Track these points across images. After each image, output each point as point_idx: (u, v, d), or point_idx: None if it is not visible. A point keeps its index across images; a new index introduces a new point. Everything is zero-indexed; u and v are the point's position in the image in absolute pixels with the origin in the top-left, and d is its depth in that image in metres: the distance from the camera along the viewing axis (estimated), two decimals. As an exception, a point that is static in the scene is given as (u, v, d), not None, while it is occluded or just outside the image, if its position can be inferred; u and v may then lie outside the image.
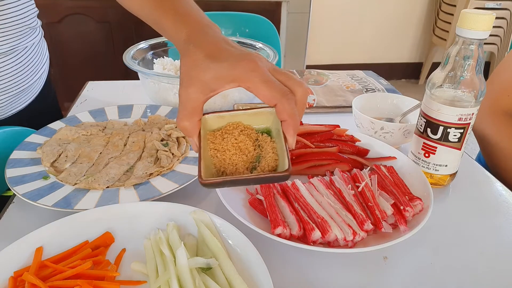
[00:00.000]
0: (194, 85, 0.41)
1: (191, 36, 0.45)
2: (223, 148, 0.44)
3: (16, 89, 0.78)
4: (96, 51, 2.35)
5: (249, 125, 0.47)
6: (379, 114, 0.77)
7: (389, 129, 0.68)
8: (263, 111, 0.46)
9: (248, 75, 0.40)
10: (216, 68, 0.41)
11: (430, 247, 0.53)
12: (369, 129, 0.70)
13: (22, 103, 0.82)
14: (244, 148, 0.44)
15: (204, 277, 0.42)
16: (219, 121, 0.46)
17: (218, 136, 0.45)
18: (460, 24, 0.53)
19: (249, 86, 0.40)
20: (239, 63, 0.40)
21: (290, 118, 0.40)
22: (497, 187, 0.66)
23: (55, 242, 0.46)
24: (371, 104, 0.77)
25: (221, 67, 0.40)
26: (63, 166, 0.62)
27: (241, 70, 0.40)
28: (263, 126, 0.47)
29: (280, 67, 1.86)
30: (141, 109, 0.81)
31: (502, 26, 2.83)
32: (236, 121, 0.46)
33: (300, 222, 0.50)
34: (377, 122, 0.68)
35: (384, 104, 0.79)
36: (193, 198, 0.60)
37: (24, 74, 0.79)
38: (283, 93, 0.40)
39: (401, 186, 0.57)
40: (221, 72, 0.40)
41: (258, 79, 0.40)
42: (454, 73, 0.56)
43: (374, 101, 0.78)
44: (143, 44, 0.96)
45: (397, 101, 0.78)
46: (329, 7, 3.01)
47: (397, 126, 0.67)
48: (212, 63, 0.41)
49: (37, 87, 0.86)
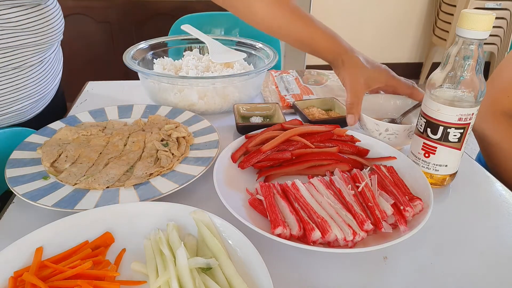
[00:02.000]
0: (362, 81, 0.69)
1: (347, 50, 0.73)
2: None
3: (39, 95, 0.80)
4: (96, 51, 2.35)
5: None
6: (381, 115, 0.77)
7: (393, 130, 0.67)
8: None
9: (391, 78, 0.73)
10: (373, 72, 0.71)
11: (430, 247, 0.53)
12: (374, 130, 0.70)
13: (40, 107, 0.84)
14: None
15: (204, 277, 0.42)
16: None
17: None
18: (460, 24, 0.53)
19: (393, 85, 0.73)
20: (383, 71, 0.72)
21: (420, 93, 0.73)
22: (497, 187, 0.66)
23: (55, 242, 0.46)
24: (374, 105, 0.77)
25: (375, 72, 0.71)
26: (63, 166, 0.62)
27: (385, 75, 0.72)
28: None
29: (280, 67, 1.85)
30: (141, 109, 0.81)
31: (502, 26, 2.83)
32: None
33: (300, 222, 0.50)
34: (382, 124, 0.68)
35: (386, 105, 0.78)
36: (193, 198, 0.60)
37: (46, 81, 0.82)
38: (410, 84, 0.73)
39: (401, 186, 0.57)
40: (376, 75, 0.71)
41: (397, 80, 0.72)
42: (454, 73, 0.56)
43: (376, 102, 0.78)
44: (143, 44, 0.96)
45: (400, 102, 0.77)
46: (329, 7, 3.01)
47: (402, 128, 0.67)
48: (369, 69, 0.71)
49: (53, 91, 0.88)
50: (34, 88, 0.78)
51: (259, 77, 0.89)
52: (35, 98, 0.79)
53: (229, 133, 0.79)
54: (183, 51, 1.03)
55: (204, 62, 0.94)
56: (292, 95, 0.94)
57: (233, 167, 0.63)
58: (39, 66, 0.78)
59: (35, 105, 0.81)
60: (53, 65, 0.85)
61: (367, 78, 0.69)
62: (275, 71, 1.09)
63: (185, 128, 0.73)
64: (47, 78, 0.82)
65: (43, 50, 0.77)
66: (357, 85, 0.68)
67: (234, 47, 1.01)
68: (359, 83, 0.69)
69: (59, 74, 0.90)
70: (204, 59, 0.96)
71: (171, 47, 1.02)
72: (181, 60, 0.97)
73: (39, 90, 0.80)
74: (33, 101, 0.79)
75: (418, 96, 0.71)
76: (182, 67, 0.93)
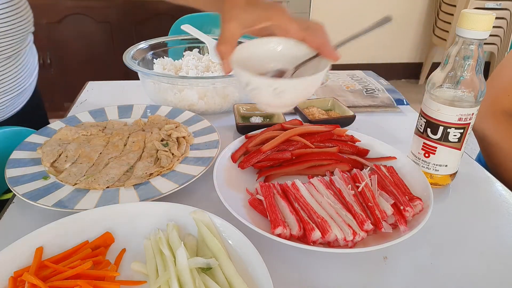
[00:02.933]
0: (235, 21, 0.51)
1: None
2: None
3: (17, 90, 0.80)
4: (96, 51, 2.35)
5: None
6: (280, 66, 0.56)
7: (255, 85, 0.49)
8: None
9: (279, 15, 0.51)
10: (254, 10, 0.51)
11: (430, 247, 0.53)
12: (240, 82, 0.53)
13: (19, 104, 0.83)
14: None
15: (204, 277, 0.42)
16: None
17: None
18: (460, 24, 0.53)
19: (281, 23, 0.51)
20: (272, 7, 0.52)
21: (320, 39, 0.51)
22: (497, 187, 0.66)
23: (55, 242, 0.46)
24: (269, 52, 0.56)
25: (258, 9, 0.52)
26: (63, 166, 0.62)
27: (274, 11, 0.51)
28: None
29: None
30: (141, 109, 0.81)
31: (502, 26, 2.83)
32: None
33: (300, 222, 0.50)
34: (243, 75, 0.49)
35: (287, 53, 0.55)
36: (193, 198, 0.60)
37: (23, 75, 0.81)
38: (307, 26, 0.51)
39: (401, 186, 0.57)
40: (258, 12, 0.51)
41: (287, 17, 0.51)
42: (454, 73, 0.56)
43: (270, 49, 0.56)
44: (143, 44, 0.96)
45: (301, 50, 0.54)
46: (329, 7, 3.01)
47: (264, 83, 0.48)
48: (251, 6, 0.51)
49: (29, 90, 0.88)
50: (12, 82, 0.78)
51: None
52: (13, 94, 0.80)
53: (229, 133, 0.79)
54: (183, 51, 1.03)
55: (204, 62, 0.94)
56: (292, 95, 0.94)
57: (233, 167, 0.63)
58: (15, 59, 0.78)
59: (14, 102, 0.81)
60: (28, 59, 0.85)
61: (247, 18, 0.51)
62: (275, 71, 1.08)
63: (185, 128, 0.73)
64: (23, 72, 0.82)
65: (16, 41, 0.77)
66: (231, 27, 0.51)
67: (234, 47, 1.01)
68: (234, 25, 0.51)
69: (35, 71, 0.90)
70: (204, 59, 0.96)
71: (171, 47, 1.02)
72: (181, 60, 0.97)
73: (17, 85, 0.80)
74: (10, 97, 0.79)
75: (313, 42, 0.51)
76: (182, 67, 0.93)
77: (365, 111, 0.90)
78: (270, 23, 0.52)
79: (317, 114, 0.82)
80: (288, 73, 0.54)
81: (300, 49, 0.53)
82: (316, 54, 0.53)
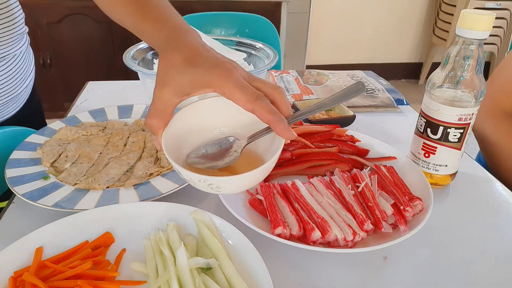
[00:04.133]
0: (169, 87, 0.42)
1: (169, 39, 0.45)
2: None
3: (6, 97, 0.77)
4: (96, 51, 2.35)
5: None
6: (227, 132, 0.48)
7: (187, 177, 0.42)
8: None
9: (222, 81, 0.40)
10: (192, 72, 0.41)
11: (430, 247, 0.53)
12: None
13: (9, 111, 0.81)
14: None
15: (204, 277, 0.42)
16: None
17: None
18: (460, 24, 0.53)
19: (224, 92, 0.41)
20: (215, 70, 0.41)
21: (272, 115, 0.40)
22: (497, 187, 0.66)
23: (55, 242, 0.46)
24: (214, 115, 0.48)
25: (197, 72, 0.41)
26: (63, 166, 0.62)
27: (216, 76, 0.41)
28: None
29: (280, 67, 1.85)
30: (141, 109, 0.81)
31: (502, 26, 2.83)
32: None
33: (300, 222, 0.50)
34: (174, 164, 0.41)
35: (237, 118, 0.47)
36: (193, 198, 0.60)
37: (13, 82, 0.79)
38: (257, 96, 0.40)
39: (401, 186, 0.57)
40: (197, 77, 0.41)
41: (232, 85, 0.40)
42: (454, 73, 0.56)
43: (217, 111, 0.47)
44: (143, 44, 0.95)
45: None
46: (329, 7, 3.01)
47: (197, 178, 0.40)
48: (188, 68, 0.41)
49: (24, 95, 0.85)
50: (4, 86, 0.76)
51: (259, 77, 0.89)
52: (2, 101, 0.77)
53: (229, 133, 0.79)
54: (183, 51, 1.03)
55: (204, 62, 0.94)
56: (292, 95, 0.94)
57: (233, 167, 0.63)
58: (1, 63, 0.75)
59: (4, 108, 0.78)
60: (22, 63, 0.82)
61: (183, 84, 0.42)
62: (275, 71, 1.09)
63: (185, 128, 0.73)
64: (14, 78, 0.79)
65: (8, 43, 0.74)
66: (163, 95, 0.42)
67: (234, 47, 1.01)
68: (167, 93, 0.42)
69: (31, 75, 0.87)
70: (204, 59, 0.96)
71: (171, 47, 1.02)
72: (181, 60, 0.97)
73: (6, 91, 0.77)
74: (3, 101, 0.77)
75: (262, 116, 0.40)
76: (182, 67, 0.93)
77: (365, 111, 0.90)
78: (211, 90, 0.41)
79: (317, 114, 0.82)
80: (239, 144, 0.45)
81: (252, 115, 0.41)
82: (266, 128, 0.43)
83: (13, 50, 0.77)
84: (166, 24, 0.48)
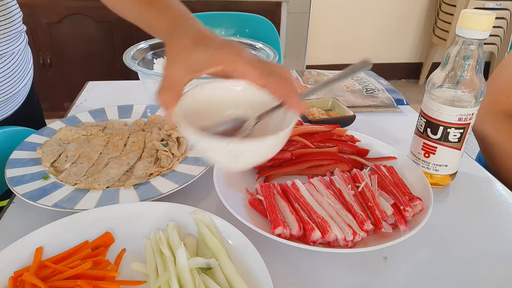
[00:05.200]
0: (180, 65, 0.43)
1: (176, 25, 0.47)
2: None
3: (4, 96, 0.77)
4: (96, 51, 2.35)
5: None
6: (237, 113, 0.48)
7: (205, 145, 0.41)
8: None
9: (234, 58, 0.41)
10: (203, 51, 0.42)
11: (430, 247, 0.53)
12: (191, 140, 0.47)
13: (8, 110, 0.81)
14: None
15: (204, 277, 0.42)
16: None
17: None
18: (460, 24, 0.53)
19: (236, 68, 0.42)
20: (225, 48, 0.42)
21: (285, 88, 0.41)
22: (497, 187, 0.66)
23: (55, 242, 0.46)
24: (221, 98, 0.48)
25: (208, 50, 0.42)
26: (63, 166, 0.62)
27: (227, 53, 0.42)
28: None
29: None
30: (141, 109, 0.81)
31: (502, 26, 2.83)
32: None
33: (300, 222, 0.50)
34: (193, 135, 0.40)
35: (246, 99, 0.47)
36: (193, 198, 0.60)
37: (11, 81, 0.79)
38: (269, 71, 0.41)
39: (401, 186, 0.57)
40: (208, 55, 0.42)
41: (244, 61, 0.41)
42: (454, 73, 0.56)
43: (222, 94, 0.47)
44: (143, 44, 0.96)
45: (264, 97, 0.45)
46: (329, 7, 3.01)
47: (217, 143, 0.39)
48: (199, 47, 0.42)
49: (22, 94, 0.85)
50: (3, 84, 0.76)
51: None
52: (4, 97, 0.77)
53: (229, 133, 0.79)
54: (183, 51, 1.03)
55: (204, 62, 0.94)
56: (292, 95, 0.94)
57: (233, 167, 0.63)
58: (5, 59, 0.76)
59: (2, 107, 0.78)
60: (19, 62, 0.82)
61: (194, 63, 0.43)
62: (275, 71, 1.08)
63: (185, 128, 0.73)
64: (12, 77, 0.79)
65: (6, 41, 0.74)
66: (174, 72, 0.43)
67: (234, 47, 1.01)
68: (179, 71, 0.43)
69: (29, 74, 0.87)
70: (204, 59, 0.96)
71: (171, 47, 1.02)
72: (181, 60, 0.97)
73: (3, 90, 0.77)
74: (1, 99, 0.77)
75: (274, 90, 0.42)
76: (182, 67, 0.93)
77: (365, 111, 0.90)
78: (222, 67, 0.42)
79: (317, 114, 0.82)
80: (249, 123, 0.45)
81: (263, 94, 0.43)
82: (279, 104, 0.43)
83: (11, 48, 0.77)
84: (171, 13, 0.49)
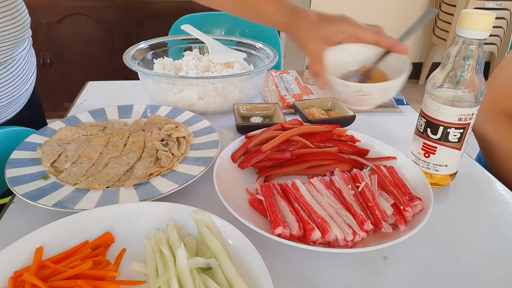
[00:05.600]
0: (317, 41, 0.61)
1: (295, 12, 0.63)
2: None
3: (7, 99, 0.77)
4: (96, 51, 2.35)
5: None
6: (345, 67, 0.67)
7: (367, 91, 0.60)
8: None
9: (352, 26, 0.61)
10: (329, 26, 0.61)
11: (430, 247, 0.53)
12: (343, 92, 0.62)
13: (10, 112, 0.81)
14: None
15: (204, 277, 0.42)
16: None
17: None
18: (460, 24, 0.53)
19: (356, 32, 0.60)
20: (344, 21, 0.61)
21: (392, 39, 0.60)
22: (497, 187, 0.66)
23: (55, 242, 0.46)
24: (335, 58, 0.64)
25: (333, 26, 0.61)
26: (63, 166, 0.62)
27: (346, 24, 0.61)
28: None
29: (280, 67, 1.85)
30: (141, 109, 0.81)
31: (502, 26, 2.83)
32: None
33: (300, 222, 0.50)
34: (353, 85, 0.60)
35: (351, 56, 0.66)
36: (193, 198, 0.60)
37: (15, 84, 0.79)
38: (377, 31, 0.61)
39: (401, 186, 0.57)
40: (334, 28, 0.61)
41: (359, 27, 0.61)
42: (454, 73, 0.56)
43: (337, 54, 0.64)
44: (143, 44, 0.96)
45: (365, 51, 0.65)
46: (329, 7, 3.01)
47: (376, 87, 0.60)
48: (325, 24, 0.61)
49: (25, 97, 0.85)
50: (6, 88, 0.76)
51: (259, 77, 0.89)
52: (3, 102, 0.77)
53: (229, 133, 0.79)
54: (183, 51, 1.03)
55: (204, 62, 0.94)
56: (292, 95, 0.94)
57: (233, 167, 0.63)
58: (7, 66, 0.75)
59: (5, 110, 0.78)
60: (23, 65, 0.82)
61: (325, 35, 0.61)
62: (275, 71, 1.09)
63: (185, 128, 0.73)
64: (16, 80, 0.79)
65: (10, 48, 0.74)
66: (316, 47, 0.60)
67: (234, 47, 1.02)
68: (318, 45, 0.61)
69: (32, 77, 0.87)
70: (204, 59, 0.96)
71: (171, 47, 1.02)
72: (181, 60, 0.97)
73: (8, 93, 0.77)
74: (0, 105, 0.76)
75: (385, 43, 0.60)
76: (182, 67, 0.93)
77: (365, 111, 0.90)
78: (346, 35, 0.61)
79: (317, 114, 0.82)
80: (370, 67, 0.65)
81: (368, 51, 0.64)
82: (386, 52, 0.62)
83: (16, 53, 0.77)
84: (285, 4, 0.64)
